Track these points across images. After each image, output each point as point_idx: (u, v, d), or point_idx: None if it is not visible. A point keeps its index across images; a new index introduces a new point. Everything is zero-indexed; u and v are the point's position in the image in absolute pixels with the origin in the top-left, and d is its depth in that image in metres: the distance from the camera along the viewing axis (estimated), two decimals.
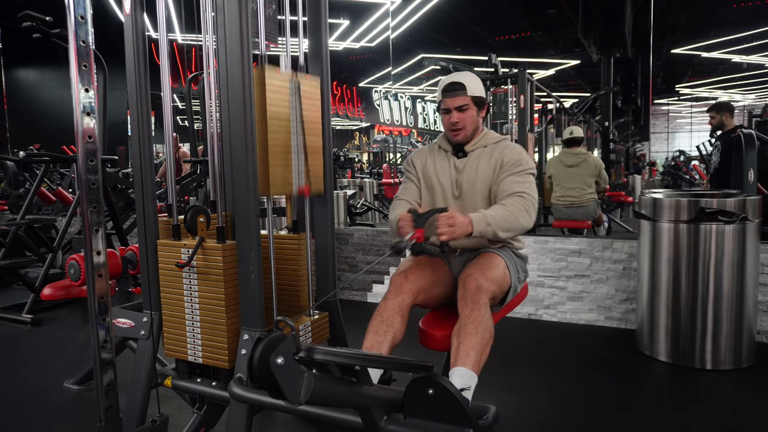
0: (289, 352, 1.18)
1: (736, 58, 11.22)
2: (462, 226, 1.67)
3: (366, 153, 16.18)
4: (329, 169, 1.98)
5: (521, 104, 5.06)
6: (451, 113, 1.93)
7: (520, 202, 1.81)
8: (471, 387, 1.54)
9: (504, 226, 1.75)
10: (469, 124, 1.94)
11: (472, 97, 1.92)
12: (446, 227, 1.66)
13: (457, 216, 1.68)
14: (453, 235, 1.66)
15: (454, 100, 1.91)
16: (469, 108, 1.92)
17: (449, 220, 1.66)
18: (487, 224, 1.72)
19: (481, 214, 1.74)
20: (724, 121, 4.06)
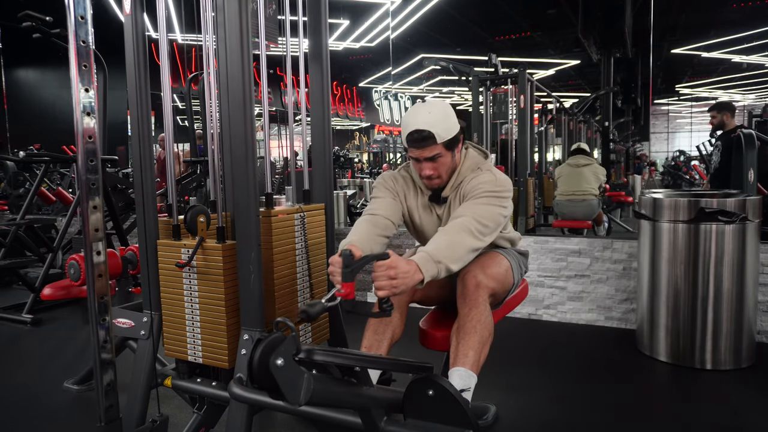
0: (289, 352, 1.18)
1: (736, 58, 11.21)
2: (407, 276, 1.37)
3: (366, 153, 16.18)
4: (330, 169, 1.98)
5: (521, 104, 5.07)
6: (422, 163, 1.69)
7: (460, 223, 1.57)
8: (470, 387, 1.53)
9: (453, 255, 1.50)
10: (444, 171, 1.71)
11: (443, 144, 1.65)
12: (385, 280, 1.35)
13: (399, 264, 1.36)
14: (394, 290, 1.35)
15: (423, 151, 1.65)
16: (441, 155, 1.67)
17: (389, 271, 1.35)
18: (437, 262, 1.45)
19: (423, 253, 1.46)
20: (725, 121, 4.06)
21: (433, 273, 1.44)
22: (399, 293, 1.38)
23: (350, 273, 1.34)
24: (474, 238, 1.56)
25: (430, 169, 1.69)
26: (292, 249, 1.78)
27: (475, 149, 1.86)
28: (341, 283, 1.36)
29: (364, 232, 1.64)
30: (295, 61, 1.87)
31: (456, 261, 1.51)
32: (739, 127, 3.96)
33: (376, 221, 1.70)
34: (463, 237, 1.54)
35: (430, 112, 1.64)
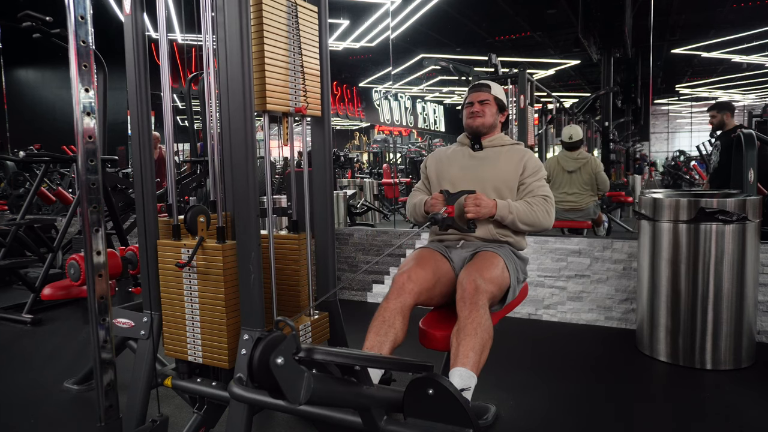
0: (289, 352, 1.18)
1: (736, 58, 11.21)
2: (487, 207, 1.91)
3: (366, 153, 16.19)
4: (330, 169, 1.98)
5: (521, 104, 5.07)
6: (474, 105, 2.13)
7: (544, 203, 2.01)
8: (471, 387, 1.53)
9: (525, 219, 1.96)
10: (488, 115, 2.12)
11: (495, 97, 2.15)
12: (473, 206, 1.89)
13: (483, 197, 1.91)
14: (478, 213, 1.90)
15: (478, 94, 2.14)
16: (489, 103, 2.13)
17: (476, 200, 1.89)
18: (509, 212, 1.93)
19: (506, 202, 1.95)
20: (725, 121, 4.06)
21: (504, 214, 1.94)
22: (481, 216, 1.92)
23: (451, 198, 1.95)
24: (549, 218, 2.01)
25: (477, 108, 2.12)
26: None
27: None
28: (446, 206, 1.93)
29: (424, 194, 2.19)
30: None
31: (524, 223, 1.97)
32: (738, 127, 3.96)
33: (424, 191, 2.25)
34: (540, 215, 1.99)
35: (491, 82, 2.20)
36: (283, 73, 1.68)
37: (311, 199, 1.89)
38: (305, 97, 1.77)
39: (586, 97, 8.23)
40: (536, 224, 1.98)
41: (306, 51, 1.77)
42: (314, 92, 1.82)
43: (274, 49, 1.64)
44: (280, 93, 1.67)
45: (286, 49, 1.69)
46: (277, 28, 1.65)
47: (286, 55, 1.69)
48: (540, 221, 1.98)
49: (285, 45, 1.69)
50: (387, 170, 8.80)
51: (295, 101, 1.73)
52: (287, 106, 1.70)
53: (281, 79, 1.67)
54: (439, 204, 1.95)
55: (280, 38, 1.66)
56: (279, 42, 1.66)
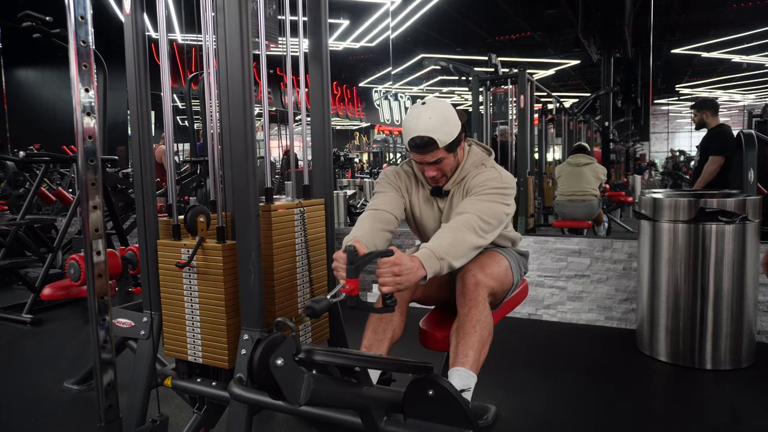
0: (289, 352, 1.18)
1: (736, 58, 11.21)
2: (410, 272, 1.39)
3: (366, 153, 16.19)
4: (330, 169, 1.98)
5: (521, 104, 5.07)
6: (425, 166, 1.72)
7: (463, 220, 1.58)
8: (470, 387, 1.53)
9: (456, 253, 1.51)
10: (448, 170, 1.74)
11: (444, 147, 1.66)
12: (390, 276, 1.37)
13: (403, 261, 1.38)
14: (399, 286, 1.38)
15: (425, 156, 1.67)
16: (444, 158, 1.69)
17: (393, 268, 1.37)
18: (440, 258, 1.46)
19: (427, 250, 1.47)
20: (705, 119, 3.90)
21: (436, 269, 1.45)
22: (403, 289, 1.41)
23: (354, 269, 1.36)
24: (477, 236, 1.56)
25: (433, 171, 1.72)
26: (292, 244, 1.77)
27: (479, 146, 1.88)
28: (345, 279, 1.37)
29: (367, 228, 1.64)
30: (295, 61, 1.87)
31: (458, 258, 1.52)
32: (719, 126, 3.91)
33: (379, 216, 1.71)
34: (466, 234, 1.55)
35: (430, 117, 1.63)
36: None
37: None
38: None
39: (586, 97, 8.23)
40: (468, 251, 1.55)
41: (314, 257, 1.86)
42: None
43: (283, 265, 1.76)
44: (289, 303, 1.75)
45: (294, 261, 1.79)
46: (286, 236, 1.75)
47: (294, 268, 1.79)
48: (470, 243, 1.55)
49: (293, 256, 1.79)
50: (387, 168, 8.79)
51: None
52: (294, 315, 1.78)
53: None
54: (340, 270, 1.41)
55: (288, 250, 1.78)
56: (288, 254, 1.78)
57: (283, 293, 1.74)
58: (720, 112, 4.06)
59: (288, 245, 1.76)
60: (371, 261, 1.37)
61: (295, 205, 1.79)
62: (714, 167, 3.77)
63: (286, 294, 1.75)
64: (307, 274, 1.85)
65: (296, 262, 1.80)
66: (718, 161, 3.76)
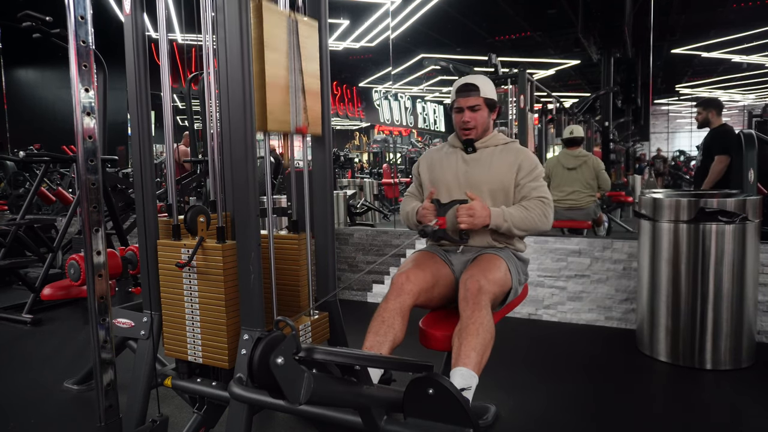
0: (289, 352, 1.18)
1: (736, 58, 11.21)
2: (481, 216, 1.83)
3: (366, 153, 16.18)
4: (330, 168, 1.98)
5: (521, 104, 5.07)
6: (464, 112, 2.01)
7: (540, 206, 1.92)
8: (471, 387, 1.53)
9: (520, 225, 1.89)
10: (480, 123, 2.02)
11: (485, 98, 2.01)
12: (466, 216, 1.82)
13: (476, 207, 1.83)
14: (472, 224, 1.83)
15: (468, 99, 2.00)
16: (480, 108, 2.01)
17: (469, 210, 1.82)
18: (504, 220, 1.86)
19: (501, 210, 1.88)
20: (710, 118, 3.91)
21: (499, 223, 1.87)
22: (475, 226, 1.84)
23: (443, 209, 1.91)
24: (546, 221, 1.93)
25: (468, 117, 2.00)
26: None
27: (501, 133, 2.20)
28: (437, 218, 1.88)
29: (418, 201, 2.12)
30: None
31: (519, 229, 1.90)
32: (722, 126, 3.91)
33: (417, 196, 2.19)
34: (537, 218, 1.91)
35: (477, 77, 2.05)
36: (284, 93, 1.66)
37: (311, 199, 1.89)
38: (306, 116, 1.76)
39: (586, 97, 8.23)
40: (533, 229, 1.92)
41: (307, 69, 1.74)
42: (315, 112, 1.81)
43: (274, 70, 1.61)
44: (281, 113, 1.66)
45: (286, 69, 1.67)
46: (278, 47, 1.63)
47: (286, 75, 1.67)
48: (537, 225, 1.91)
49: (285, 65, 1.66)
50: (387, 170, 8.80)
51: (296, 121, 1.72)
52: (287, 128, 1.70)
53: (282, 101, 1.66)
54: (430, 215, 1.90)
55: (280, 58, 1.64)
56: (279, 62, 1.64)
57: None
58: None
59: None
60: (454, 206, 1.88)
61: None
62: (721, 167, 3.78)
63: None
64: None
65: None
66: (725, 161, 3.76)
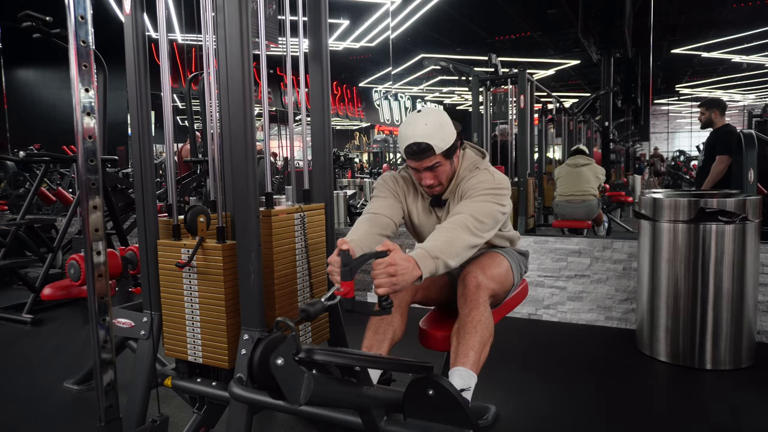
0: (289, 352, 1.18)
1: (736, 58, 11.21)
2: (406, 272, 1.36)
3: (366, 153, 16.18)
4: (330, 169, 1.98)
5: (521, 104, 5.07)
6: (422, 173, 1.70)
7: (457, 220, 1.57)
8: (470, 387, 1.53)
9: (451, 251, 1.49)
10: (444, 178, 1.73)
11: (442, 153, 1.66)
12: (385, 277, 1.34)
13: (398, 261, 1.35)
14: (395, 287, 1.35)
15: (422, 162, 1.67)
16: (440, 164, 1.68)
17: (389, 269, 1.34)
18: (434, 258, 1.44)
19: (421, 249, 1.45)
20: (713, 119, 3.91)
21: (432, 269, 1.43)
22: (399, 290, 1.38)
23: (349, 272, 1.34)
24: (471, 235, 1.56)
25: (430, 179, 1.71)
26: (292, 248, 1.78)
27: (473, 149, 1.88)
28: (340, 282, 1.35)
29: (363, 231, 1.64)
30: (295, 61, 1.87)
31: (454, 257, 1.49)
32: (725, 126, 3.91)
33: (376, 220, 1.71)
34: (461, 233, 1.54)
35: (426, 123, 1.64)
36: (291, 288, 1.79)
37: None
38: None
39: (586, 97, 8.23)
40: (463, 250, 1.53)
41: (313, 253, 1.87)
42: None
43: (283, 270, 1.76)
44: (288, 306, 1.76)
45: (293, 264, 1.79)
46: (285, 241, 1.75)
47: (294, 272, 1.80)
48: (465, 242, 1.53)
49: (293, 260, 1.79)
50: (387, 170, 8.80)
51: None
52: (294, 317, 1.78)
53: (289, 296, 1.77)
54: (335, 274, 1.39)
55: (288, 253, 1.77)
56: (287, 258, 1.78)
57: (283, 298, 1.74)
58: None
59: (288, 250, 1.76)
60: (365, 262, 1.35)
61: (296, 210, 1.79)
62: (722, 167, 3.78)
63: (286, 298, 1.75)
64: (307, 279, 1.85)
65: (296, 266, 1.80)
66: (726, 161, 3.76)
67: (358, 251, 1.45)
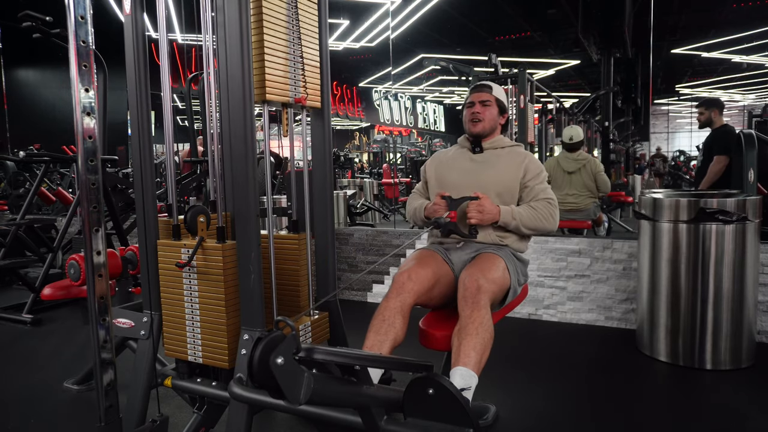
0: (289, 352, 1.18)
1: (736, 58, 11.21)
2: (490, 213, 1.92)
3: (366, 153, 16.18)
4: (330, 169, 1.98)
5: (521, 104, 5.07)
6: (474, 105, 2.13)
7: (548, 207, 2.00)
8: (471, 387, 1.53)
9: (528, 224, 1.97)
10: (488, 119, 2.12)
11: (496, 98, 2.15)
12: (476, 212, 1.91)
13: (486, 204, 1.92)
14: (482, 220, 1.91)
15: (480, 95, 2.14)
16: (491, 105, 2.13)
17: (479, 207, 1.91)
18: (513, 218, 1.95)
19: (509, 208, 1.97)
20: (712, 118, 3.91)
21: (507, 220, 1.95)
22: (484, 222, 1.93)
23: (454, 203, 1.97)
24: (552, 222, 2.01)
25: (479, 109, 2.12)
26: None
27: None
28: (448, 212, 1.96)
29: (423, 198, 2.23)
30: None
31: (529, 229, 1.98)
32: (723, 126, 3.91)
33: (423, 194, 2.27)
34: (544, 219, 1.99)
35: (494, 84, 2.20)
36: (282, 63, 1.66)
37: (311, 199, 1.89)
38: (305, 88, 1.75)
39: (586, 97, 8.22)
40: (540, 228, 1.99)
41: (306, 42, 1.75)
42: (314, 84, 1.80)
43: (273, 40, 1.62)
44: (280, 83, 1.65)
45: (285, 40, 1.68)
46: (277, 18, 1.64)
47: (285, 45, 1.67)
48: (544, 225, 1.99)
49: (285, 36, 1.67)
50: (387, 170, 8.80)
51: (294, 92, 1.72)
52: (287, 97, 1.68)
53: (281, 70, 1.66)
54: (441, 209, 1.98)
55: (279, 29, 1.65)
56: (279, 33, 1.64)
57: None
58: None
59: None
60: (465, 201, 1.94)
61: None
62: (719, 167, 3.77)
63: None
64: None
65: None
66: (723, 161, 3.76)
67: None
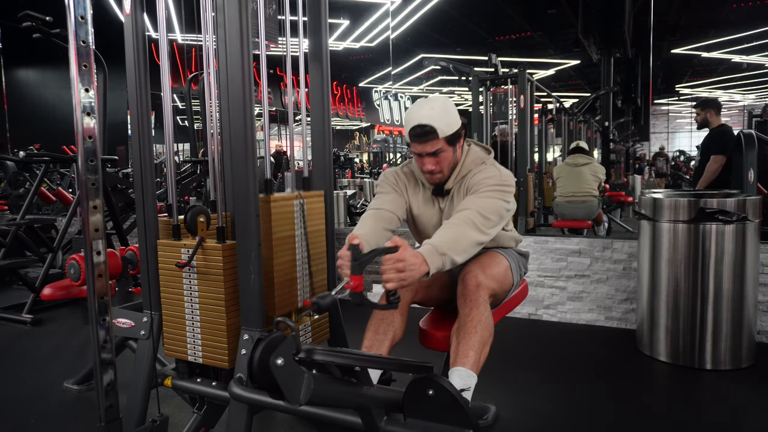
0: (289, 352, 1.18)
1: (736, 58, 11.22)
2: (414, 268, 1.38)
3: (366, 153, 16.19)
4: (330, 168, 1.98)
5: (521, 104, 5.07)
6: (424, 158, 1.70)
7: (464, 216, 1.58)
8: (470, 387, 1.53)
9: (457, 247, 1.50)
10: (445, 166, 1.73)
11: (444, 138, 1.66)
12: (394, 273, 1.36)
13: (407, 257, 1.38)
14: (403, 282, 1.37)
15: (425, 146, 1.67)
16: (443, 150, 1.68)
17: (398, 264, 1.36)
18: (442, 254, 1.46)
19: (429, 245, 1.47)
20: (709, 119, 3.91)
21: (439, 265, 1.45)
22: (407, 285, 1.40)
23: (359, 266, 1.38)
24: (478, 231, 1.57)
25: (432, 164, 1.71)
26: (292, 236, 1.77)
27: (479, 146, 1.89)
28: (350, 276, 1.39)
29: (370, 227, 1.65)
30: (295, 61, 1.87)
31: (461, 253, 1.52)
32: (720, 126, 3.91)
33: (381, 215, 1.72)
34: (467, 230, 1.55)
35: (432, 107, 1.67)
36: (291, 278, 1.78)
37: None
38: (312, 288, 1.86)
39: (586, 97, 8.23)
40: (470, 246, 1.55)
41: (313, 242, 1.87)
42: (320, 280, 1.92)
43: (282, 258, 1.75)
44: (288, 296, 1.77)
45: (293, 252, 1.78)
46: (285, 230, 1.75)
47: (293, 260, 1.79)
48: (471, 239, 1.55)
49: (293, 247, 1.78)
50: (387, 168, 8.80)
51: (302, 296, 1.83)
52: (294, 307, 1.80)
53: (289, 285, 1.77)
54: (344, 267, 1.42)
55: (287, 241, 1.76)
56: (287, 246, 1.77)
57: (283, 286, 1.73)
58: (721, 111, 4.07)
59: (288, 237, 1.75)
60: (375, 257, 1.38)
61: (295, 197, 1.78)
62: (716, 167, 3.78)
63: (287, 287, 1.75)
64: (306, 267, 1.84)
65: (296, 254, 1.79)
66: (720, 161, 3.76)
67: (366, 246, 1.46)
